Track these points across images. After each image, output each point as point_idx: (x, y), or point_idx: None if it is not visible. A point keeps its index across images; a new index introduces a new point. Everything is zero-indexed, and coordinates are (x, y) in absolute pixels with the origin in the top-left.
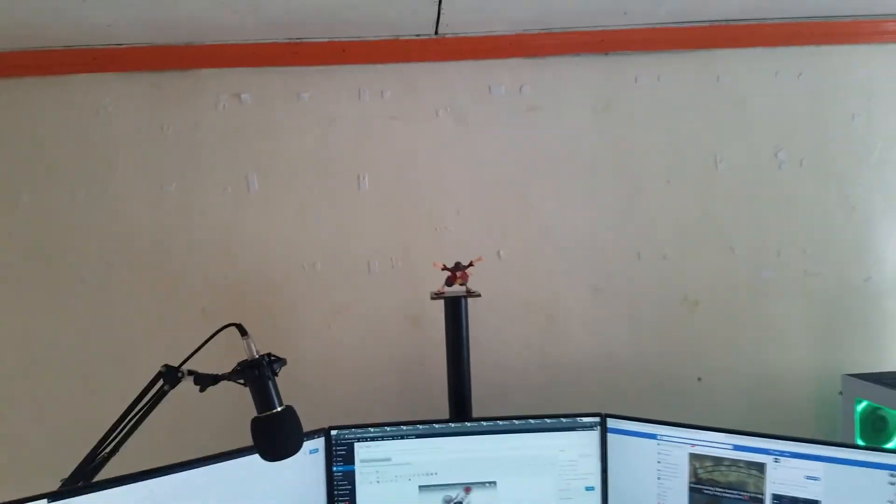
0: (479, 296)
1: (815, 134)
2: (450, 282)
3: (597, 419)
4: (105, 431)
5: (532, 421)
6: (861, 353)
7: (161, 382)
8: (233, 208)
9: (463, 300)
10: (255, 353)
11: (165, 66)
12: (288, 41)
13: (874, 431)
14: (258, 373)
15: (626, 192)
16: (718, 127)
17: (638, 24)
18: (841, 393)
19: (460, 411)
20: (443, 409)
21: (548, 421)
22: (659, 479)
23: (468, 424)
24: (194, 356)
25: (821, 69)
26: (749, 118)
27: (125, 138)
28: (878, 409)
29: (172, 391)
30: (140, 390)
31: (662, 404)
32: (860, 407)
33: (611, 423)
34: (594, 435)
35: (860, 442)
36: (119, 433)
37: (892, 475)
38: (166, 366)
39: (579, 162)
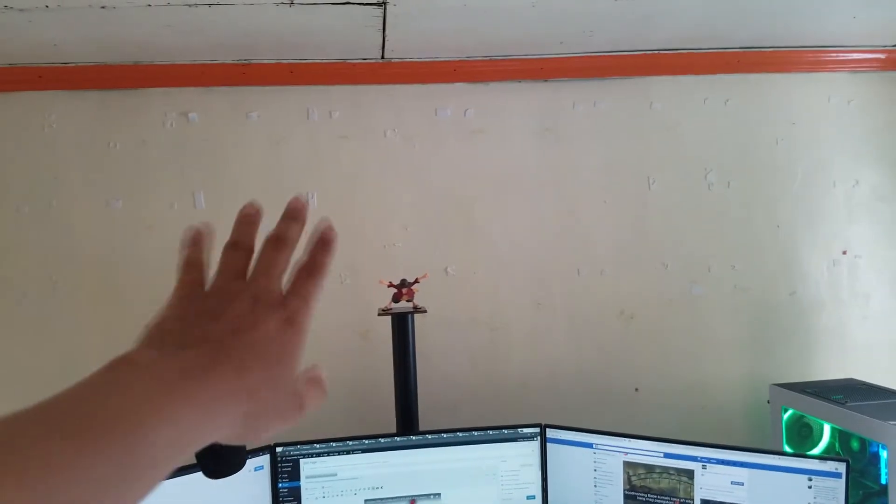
0: (425, 311)
1: (742, 157)
2: (396, 298)
3: (536, 429)
4: None
5: (475, 433)
6: (788, 364)
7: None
8: (180, 225)
9: (409, 316)
10: None
11: (112, 84)
12: (236, 62)
13: (800, 438)
14: None
15: (566, 212)
16: (652, 150)
17: (574, 53)
18: (769, 402)
19: (407, 425)
20: (390, 425)
21: (490, 432)
22: (595, 486)
23: (413, 438)
24: None
25: (747, 96)
26: (680, 142)
27: (71, 155)
28: (803, 416)
29: None
30: None
31: (602, 414)
32: (786, 415)
33: (550, 433)
34: (534, 445)
35: (787, 449)
36: None
37: (809, 479)
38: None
39: (522, 182)
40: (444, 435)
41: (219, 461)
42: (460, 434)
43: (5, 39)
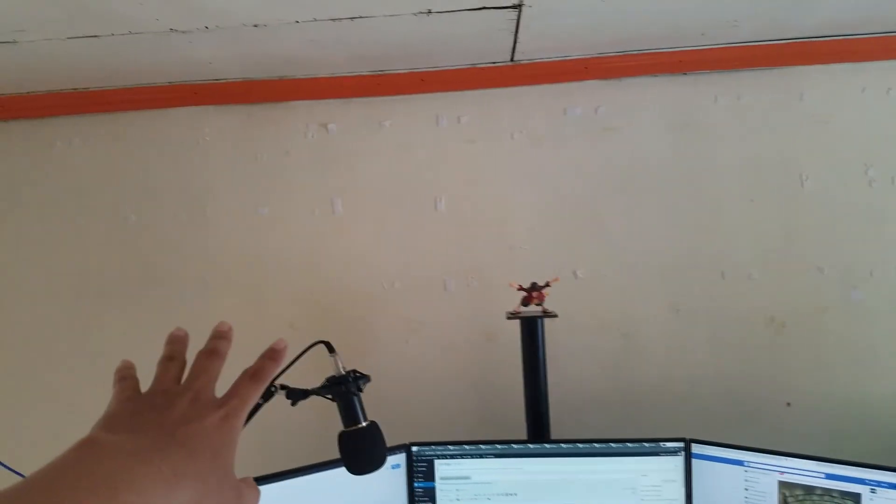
0: (556, 316)
1: None
2: (526, 301)
3: (681, 444)
4: None
5: (613, 444)
6: None
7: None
8: (319, 230)
9: (539, 320)
10: (342, 370)
11: (259, 98)
12: (370, 73)
13: None
14: (345, 388)
15: (706, 212)
16: (803, 145)
17: (717, 44)
18: None
19: (538, 431)
20: (518, 428)
21: (629, 445)
22: None
23: (547, 446)
24: (285, 371)
25: None
26: (836, 136)
27: (222, 165)
28: None
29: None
30: None
31: (748, 430)
32: None
33: (695, 448)
34: (678, 460)
35: None
36: None
37: None
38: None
39: (656, 181)
40: (580, 445)
41: (361, 458)
42: (597, 445)
43: (168, 60)
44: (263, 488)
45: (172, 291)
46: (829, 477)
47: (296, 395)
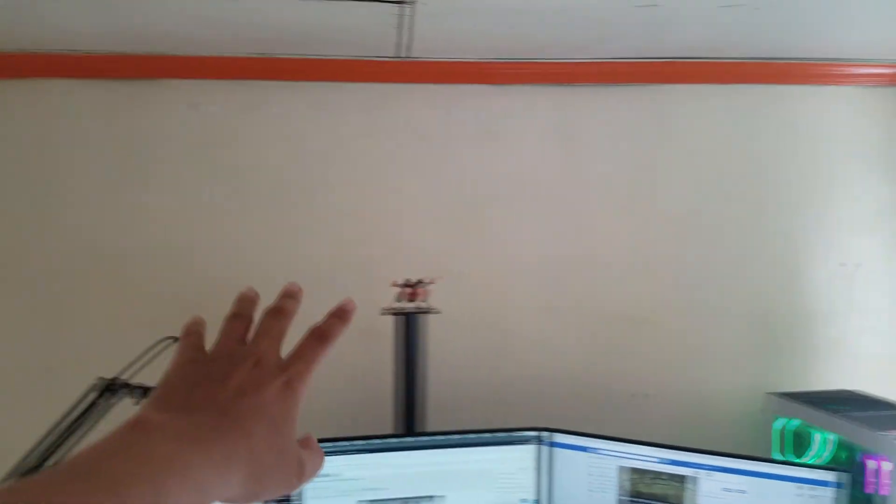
0: (438, 312)
1: (751, 167)
2: (409, 298)
3: (535, 433)
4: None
5: (473, 435)
6: (789, 374)
7: (95, 395)
8: (191, 219)
9: (417, 316)
10: None
11: (129, 74)
12: (254, 55)
13: (798, 448)
14: None
15: (581, 217)
16: (666, 158)
17: (593, 58)
18: (765, 410)
19: (409, 426)
20: (391, 424)
21: (489, 435)
22: (590, 490)
23: (414, 439)
24: (136, 371)
25: (758, 107)
26: (694, 150)
27: (83, 144)
28: (802, 426)
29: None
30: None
31: (607, 420)
32: (785, 424)
33: (552, 436)
34: (533, 449)
35: (782, 457)
36: (53, 446)
37: (809, 489)
38: (101, 378)
39: (537, 186)
40: (445, 437)
41: None
42: (458, 437)
43: (30, 26)
44: None
45: (13, 287)
46: (665, 462)
47: (137, 394)
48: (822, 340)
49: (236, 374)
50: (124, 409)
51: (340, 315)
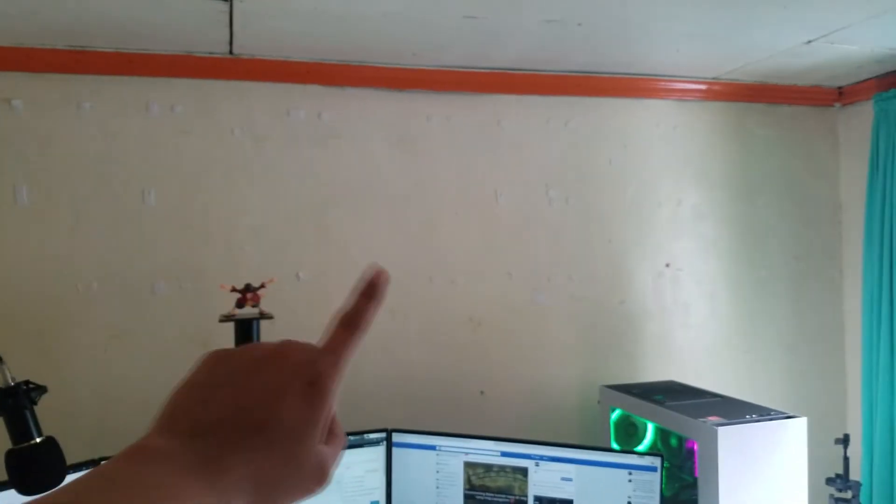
0: (272, 318)
1: (579, 175)
2: (240, 303)
3: (382, 434)
4: None
5: None
6: (617, 367)
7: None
8: None
9: (255, 322)
10: (10, 381)
11: None
12: (69, 48)
13: (627, 436)
14: (13, 402)
15: (420, 221)
16: (500, 166)
17: (427, 65)
18: (599, 402)
19: None
20: None
21: None
22: (438, 487)
23: None
24: None
25: (585, 118)
26: (525, 159)
27: None
28: (629, 416)
29: None
30: None
31: (450, 418)
32: (614, 415)
33: (396, 437)
34: (380, 450)
35: (615, 446)
36: None
37: (630, 473)
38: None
39: (377, 190)
40: None
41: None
42: None
43: None
44: None
45: None
46: (504, 455)
47: None
48: (646, 335)
49: (256, 381)
50: None
51: (370, 293)
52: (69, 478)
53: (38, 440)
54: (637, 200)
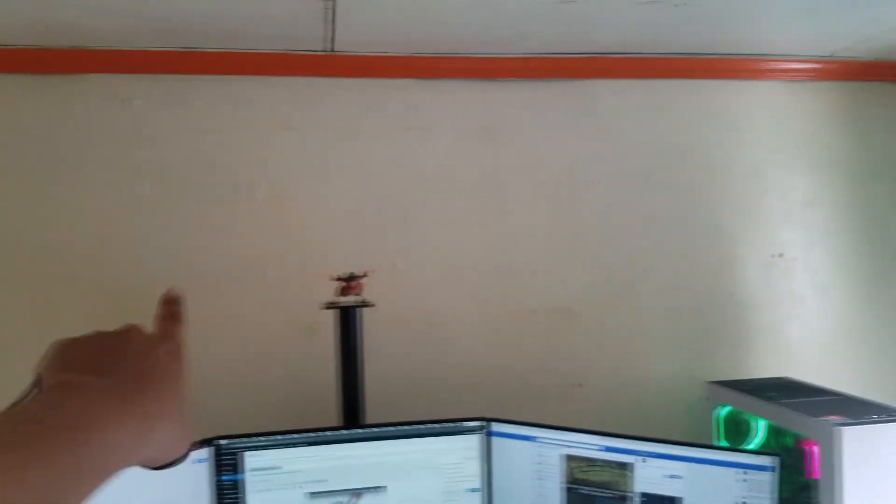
0: (373, 306)
1: (680, 161)
2: (343, 292)
3: (480, 423)
4: None
5: (419, 426)
6: (725, 362)
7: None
8: (119, 213)
9: (356, 310)
10: None
11: (50, 68)
12: (177, 49)
13: (736, 434)
14: None
15: (510, 211)
16: (594, 152)
17: (518, 53)
18: (707, 399)
19: (352, 420)
20: (333, 417)
21: (434, 426)
22: (538, 479)
23: (357, 431)
24: None
25: (687, 102)
26: (621, 144)
27: (5, 139)
28: (739, 413)
29: None
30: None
31: (546, 409)
32: (723, 412)
33: (494, 426)
34: (478, 438)
35: (723, 444)
36: None
37: (743, 473)
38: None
39: (468, 181)
40: (388, 428)
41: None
42: (404, 427)
43: None
44: None
45: None
46: (607, 449)
47: None
48: (755, 329)
49: (129, 342)
50: None
51: (173, 298)
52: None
53: None
54: (744, 187)
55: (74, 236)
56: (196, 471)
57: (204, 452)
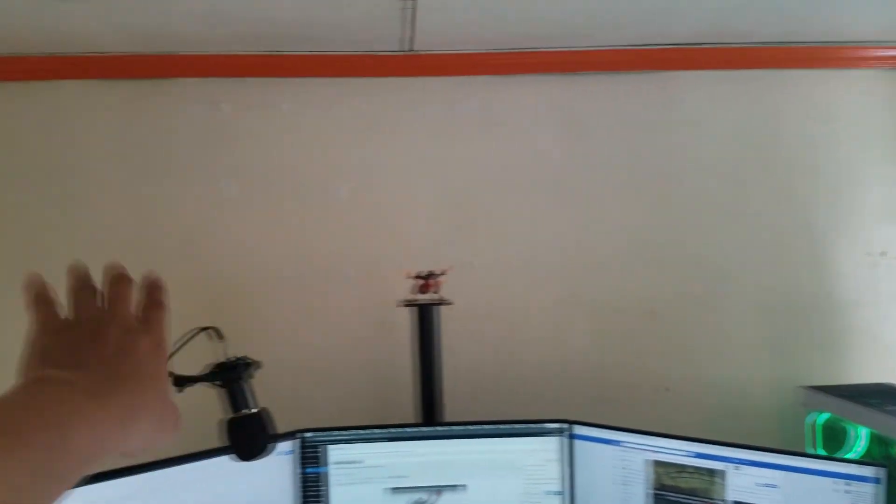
0: (451, 304)
1: (770, 154)
2: (422, 290)
3: (562, 425)
4: None
5: (500, 426)
6: (818, 366)
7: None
8: (208, 214)
9: (433, 308)
10: (231, 356)
11: (145, 74)
12: (264, 53)
13: (834, 443)
14: (235, 374)
15: (589, 208)
16: (677, 145)
17: (599, 46)
18: (804, 404)
19: (430, 416)
20: (411, 413)
21: (516, 426)
22: (622, 484)
23: (438, 429)
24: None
25: (775, 92)
26: (706, 137)
27: (104, 143)
28: (837, 420)
29: None
30: None
31: (626, 414)
32: (819, 419)
33: (577, 429)
34: (560, 440)
35: (820, 452)
36: None
37: (846, 484)
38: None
39: (545, 177)
40: (469, 427)
41: (252, 444)
42: (485, 426)
43: (43, 29)
44: (147, 476)
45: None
46: (697, 455)
47: (182, 382)
48: (849, 332)
49: (109, 336)
50: None
51: (154, 283)
52: None
53: (254, 410)
54: (837, 181)
55: (166, 234)
56: (281, 463)
57: (289, 445)
